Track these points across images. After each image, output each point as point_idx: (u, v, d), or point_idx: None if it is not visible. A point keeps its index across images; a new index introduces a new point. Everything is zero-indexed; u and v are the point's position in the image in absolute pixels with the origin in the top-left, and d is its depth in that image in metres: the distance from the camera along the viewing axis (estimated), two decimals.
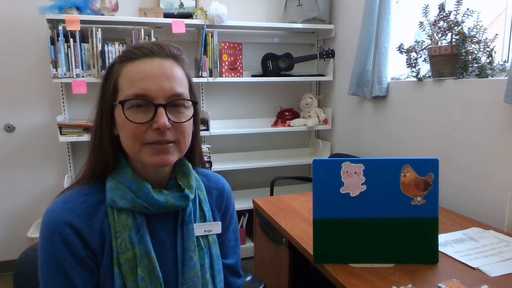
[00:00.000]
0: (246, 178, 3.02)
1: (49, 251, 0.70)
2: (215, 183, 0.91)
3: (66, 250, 0.70)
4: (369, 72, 2.25)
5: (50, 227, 0.71)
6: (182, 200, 0.78)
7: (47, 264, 0.71)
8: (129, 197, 0.73)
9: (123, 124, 0.72)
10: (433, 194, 1.08)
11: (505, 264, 1.13)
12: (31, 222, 2.50)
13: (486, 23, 1.67)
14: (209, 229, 0.82)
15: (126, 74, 0.72)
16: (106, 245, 0.73)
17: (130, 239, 0.73)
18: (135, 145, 0.72)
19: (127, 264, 0.72)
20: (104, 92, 0.76)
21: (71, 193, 0.76)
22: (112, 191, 0.74)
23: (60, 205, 0.73)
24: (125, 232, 0.73)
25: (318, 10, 2.70)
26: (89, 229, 0.72)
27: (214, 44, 2.54)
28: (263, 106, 3.03)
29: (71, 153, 2.56)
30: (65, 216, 0.71)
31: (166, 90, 0.71)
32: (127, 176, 0.75)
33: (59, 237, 0.70)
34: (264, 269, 1.78)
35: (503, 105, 1.51)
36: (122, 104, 0.71)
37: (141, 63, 0.72)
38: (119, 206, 0.73)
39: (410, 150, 2.05)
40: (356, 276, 1.07)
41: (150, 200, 0.74)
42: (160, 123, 0.69)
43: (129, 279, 0.72)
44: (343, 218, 1.10)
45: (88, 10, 2.35)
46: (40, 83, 2.50)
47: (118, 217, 0.73)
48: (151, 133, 0.70)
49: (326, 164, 1.10)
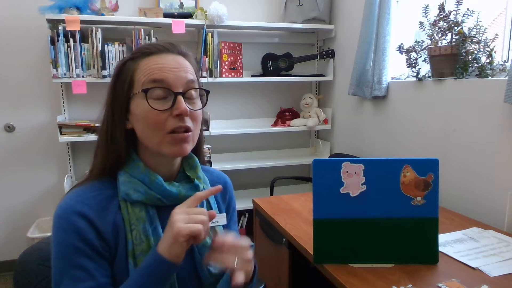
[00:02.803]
0: (246, 178, 3.02)
1: (62, 241, 0.71)
2: (218, 177, 0.96)
3: (80, 239, 0.71)
4: (369, 72, 2.25)
5: (63, 218, 0.72)
6: (193, 191, 0.80)
7: (61, 254, 0.71)
8: (142, 190, 0.75)
9: (144, 115, 0.74)
10: (433, 194, 1.08)
11: (505, 264, 1.13)
12: (31, 222, 2.50)
13: (486, 23, 1.67)
14: (216, 220, 0.83)
15: (143, 67, 0.75)
16: (120, 237, 0.74)
17: (145, 231, 0.74)
18: (157, 134, 0.74)
19: (142, 255, 0.73)
20: (117, 87, 0.77)
21: (82, 188, 0.77)
22: (125, 185, 0.76)
23: (73, 197, 0.75)
24: (139, 224, 0.74)
25: (318, 10, 2.70)
26: (102, 221, 0.73)
27: (214, 44, 2.54)
28: (263, 106, 3.03)
29: (71, 153, 2.56)
30: (78, 207, 0.72)
31: (182, 78, 0.76)
32: (139, 170, 0.77)
33: (72, 226, 0.71)
34: (264, 269, 1.78)
35: (503, 105, 1.51)
36: (145, 92, 0.73)
37: (158, 57, 0.76)
38: (133, 199, 0.75)
39: (410, 150, 2.05)
40: (356, 276, 1.07)
41: (164, 191, 0.77)
42: (182, 109, 0.73)
43: None
44: (343, 218, 1.10)
45: (88, 10, 2.35)
46: (40, 83, 2.50)
47: (132, 210, 0.75)
48: (172, 120, 0.74)
49: (326, 164, 1.10)
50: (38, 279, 0.91)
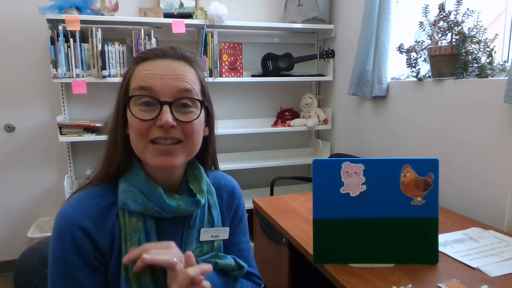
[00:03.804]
0: (246, 178, 3.02)
1: (59, 251, 0.71)
2: (225, 185, 0.91)
3: (76, 252, 0.70)
4: (369, 72, 2.25)
5: (62, 228, 0.71)
6: (194, 206, 0.78)
7: (56, 264, 0.72)
8: (141, 200, 0.74)
9: (131, 122, 0.73)
10: (433, 194, 1.08)
11: (505, 264, 1.13)
12: (31, 222, 2.50)
13: (486, 23, 1.67)
14: (216, 234, 0.81)
15: (136, 73, 0.74)
16: (115, 246, 0.74)
17: (139, 243, 0.72)
18: (140, 142, 0.72)
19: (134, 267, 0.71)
20: (119, 93, 0.78)
21: (83, 194, 0.76)
22: (124, 193, 0.74)
23: (73, 206, 0.74)
24: (135, 235, 0.73)
25: (318, 10, 2.70)
26: (100, 232, 0.72)
27: (214, 44, 2.54)
28: (263, 106, 3.03)
29: (71, 153, 2.56)
30: (77, 218, 0.71)
31: (173, 87, 0.72)
32: (140, 179, 0.75)
33: (70, 238, 0.70)
34: (264, 269, 1.78)
35: (503, 105, 1.51)
36: (128, 99, 0.72)
37: (151, 63, 0.74)
38: (130, 209, 0.73)
39: (410, 150, 2.05)
40: (356, 276, 1.07)
41: (162, 204, 0.74)
42: (163, 120, 0.69)
43: (134, 282, 0.71)
44: (343, 218, 1.10)
45: (88, 10, 2.35)
46: (40, 83, 2.49)
47: (129, 220, 0.73)
48: (156, 130, 0.71)
49: (326, 164, 1.10)
50: (38, 279, 0.91)
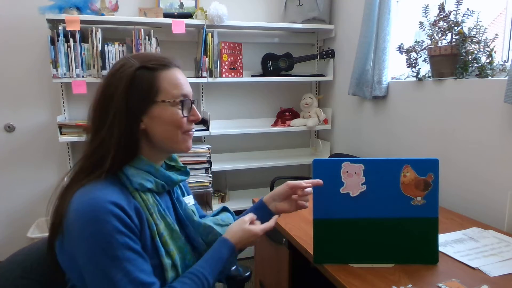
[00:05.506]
0: (246, 178, 3.02)
1: (106, 232, 0.74)
2: None
3: (122, 224, 0.76)
4: (369, 72, 2.25)
5: (98, 209, 0.75)
6: (186, 175, 1.00)
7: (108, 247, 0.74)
8: (151, 179, 0.88)
9: (172, 118, 0.88)
10: (433, 194, 1.08)
11: (505, 264, 1.13)
12: (31, 222, 2.50)
13: (486, 23, 1.67)
14: (188, 201, 1.04)
15: (169, 79, 0.88)
16: (143, 221, 0.84)
17: (160, 213, 0.88)
18: (177, 134, 0.90)
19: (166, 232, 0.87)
20: (133, 92, 0.84)
21: (90, 186, 0.80)
22: (135, 176, 0.86)
23: (96, 193, 0.78)
24: (154, 207, 0.87)
25: (318, 10, 2.70)
26: (128, 207, 0.80)
27: (214, 44, 2.54)
28: (263, 106, 3.03)
29: (71, 153, 2.56)
30: (108, 197, 0.77)
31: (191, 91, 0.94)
32: (144, 163, 0.88)
33: (112, 213, 0.75)
34: (264, 269, 1.78)
35: (503, 105, 1.51)
36: (182, 103, 0.89)
37: (176, 71, 0.91)
38: (146, 187, 0.86)
39: (410, 150, 2.05)
40: (356, 276, 1.07)
41: (167, 178, 0.92)
42: (198, 116, 0.94)
43: (168, 244, 0.87)
44: (343, 218, 1.10)
45: (88, 10, 2.35)
46: (40, 83, 2.50)
47: (146, 197, 0.86)
48: (189, 124, 0.92)
49: (326, 164, 1.10)
50: None
